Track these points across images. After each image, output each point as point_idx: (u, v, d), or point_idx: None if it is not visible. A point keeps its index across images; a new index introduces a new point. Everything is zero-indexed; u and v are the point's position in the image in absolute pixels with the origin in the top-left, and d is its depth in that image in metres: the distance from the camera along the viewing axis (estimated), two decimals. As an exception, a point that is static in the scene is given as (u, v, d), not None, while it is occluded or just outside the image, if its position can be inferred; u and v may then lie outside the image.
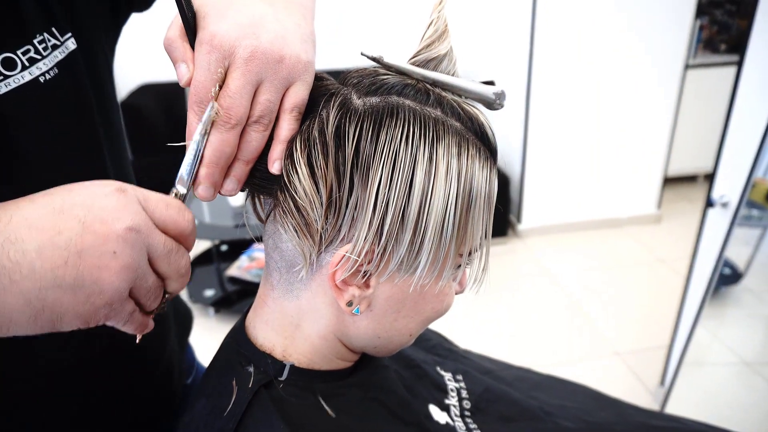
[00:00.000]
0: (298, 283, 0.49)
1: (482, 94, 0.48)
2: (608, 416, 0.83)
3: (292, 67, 0.43)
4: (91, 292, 0.35)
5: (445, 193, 0.43)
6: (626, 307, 2.49)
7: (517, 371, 0.90)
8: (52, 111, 0.50)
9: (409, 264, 0.46)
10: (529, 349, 2.24)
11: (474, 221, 0.47)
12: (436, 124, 0.44)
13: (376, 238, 0.44)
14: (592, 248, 2.96)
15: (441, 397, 0.68)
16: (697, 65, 3.20)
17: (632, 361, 2.15)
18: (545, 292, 2.62)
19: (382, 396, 0.56)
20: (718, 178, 1.49)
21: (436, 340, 0.83)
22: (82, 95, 0.53)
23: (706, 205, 1.52)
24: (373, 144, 0.42)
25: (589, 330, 2.34)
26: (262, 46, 0.41)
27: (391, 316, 0.50)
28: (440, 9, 0.47)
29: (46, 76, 0.48)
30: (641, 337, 2.27)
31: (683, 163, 3.39)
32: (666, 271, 2.72)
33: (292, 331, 0.51)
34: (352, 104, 0.44)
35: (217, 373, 0.54)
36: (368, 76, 0.46)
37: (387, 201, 0.42)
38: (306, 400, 0.50)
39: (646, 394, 1.97)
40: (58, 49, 0.50)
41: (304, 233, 0.45)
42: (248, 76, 0.41)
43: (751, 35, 1.32)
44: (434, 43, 0.47)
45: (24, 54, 0.47)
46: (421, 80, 0.47)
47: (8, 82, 0.46)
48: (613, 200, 3.11)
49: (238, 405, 0.48)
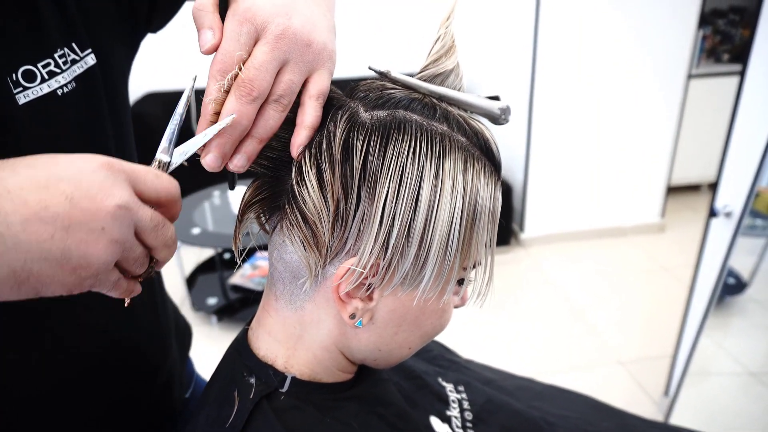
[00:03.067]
0: (302, 294, 0.49)
1: (488, 110, 0.49)
2: (610, 427, 0.82)
3: (318, 52, 0.44)
4: (77, 265, 0.35)
5: (450, 207, 0.44)
6: (630, 316, 2.48)
7: (518, 381, 0.89)
8: (67, 123, 0.51)
9: (414, 278, 0.46)
10: (532, 358, 2.23)
11: (478, 236, 0.47)
12: (442, 139, 0.44)
13: (381, 252, 0.44)
14: (595, 257, 2.96)
15: (442, 409, 0.68)
16: (701, 75, 3.20)
17: (636, 370, 2.14)
18: (548, 301, 2.61)
19: (382, 409, 0.56)
20: (721, 187, 1.49)
21: (437, 351, 0.82)
22: (98, 109, 0.54)
23: (710, 215, 1.52)
24: (380, 158, 0.43)
25: (593, 339, 2.33)
26: (293, 26, 0.42)
27: (392, 330, 0.50)
28: (447, 25, 0.48)
29: (64, 89, 0.49)
30: (645, 346, 2.25)
31: (687, 173, 3.38)
32: (670, 280, 2.71)
33: (294, 341, 0.52)
34: (360, 118, 0.44)
35: (220, 383, 0.54)
36: (375, 89, 0.47)
37: (393, 215, 0.43)
38: (307, 412, 0.50)
39: (650, 404, 1.96)
40: (77, 64, 0.51)
41: (311, 246, 0.45)
42: (276, 53, 0.42)
43: (753, 45, 1.32)
44: (441, 59, 0.48)
45: (44, 67, 0.47)
46: (428, 95, 0.47)
47: (27, 94, 0.46)
48: (616, 209, 3.11)
49: (239, 416, 0.48)
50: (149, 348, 0.67)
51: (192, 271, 2.64)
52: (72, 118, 0.51)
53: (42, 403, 0.56)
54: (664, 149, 3.00)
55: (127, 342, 0.64)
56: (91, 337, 0.59)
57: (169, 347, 0.72)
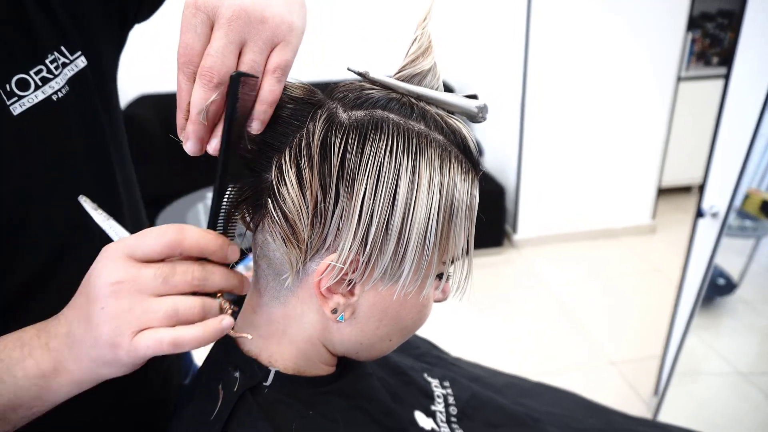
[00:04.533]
0: (285, 290, 0.50)
1: (465, 108, 0.50)
2: (596, 423, 0.83)
3: (275, 27, 0.43)
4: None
5: (427, 204, 0.45)
6: (622, 317, 2.49)
7: (506, 378, 0.90)
8: (65, 127, 0.51)
9: (393, 273, 0.47)
10: (524, 359, 2.24)
11: (456, 231, 0.48)
12: (419, 137, 0.45)
13: (360, 248, 0.45)
14: (587, 258, 2.98)
15: (427, 404, 0.69)
16: (690, 78, 3.24)
17: (627, 370, 2.15)
18: (541, 302, 2.63)
19: (365, 404, 0.57)
20: (708, 188, 1.51)
21: (425, 348, 0.83)
22: (92, 110, 0.55)
23: (697, 216, 1.53)
24: (358, 156, 0.44)
25: (585, 340, 2.35)
26: (244, 5, 0.42)
27: (373, 324, 0.51)
28: (424, 26, 0.48)
29: (58, 94, 0.50)
30: (636, 346, 2.27)
31: (678, 174, 3.41)
32: (661, 281, 2.73)
33: (278, 336, 0.52)
34: (338, 118, 0.45)
35: (206, 377, 0.55)
36: (354, 90, 0.48)
37: (371, 212, 0.44)
38: (290, 406, 0.51)
39: (640, 404, 1.97)
40: (68, 67, 0.51)
41: (291, 242, 0.46)
42: (230, 36, 0.42)
43: (738, 48, 1.34)
44: (418, 59, 0.49)
45: (36, 74, 0.48)
46: (406, 95, 0.48)
47: (23, 102, 0.47)
48: (607, 211, 3.13)
49: (223, 409, 0.49)
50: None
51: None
52: (69, 121, 0.51)
53: None
54: (655, 151, 3.03)
55: None
56: None
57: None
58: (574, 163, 2.98)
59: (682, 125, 3.07)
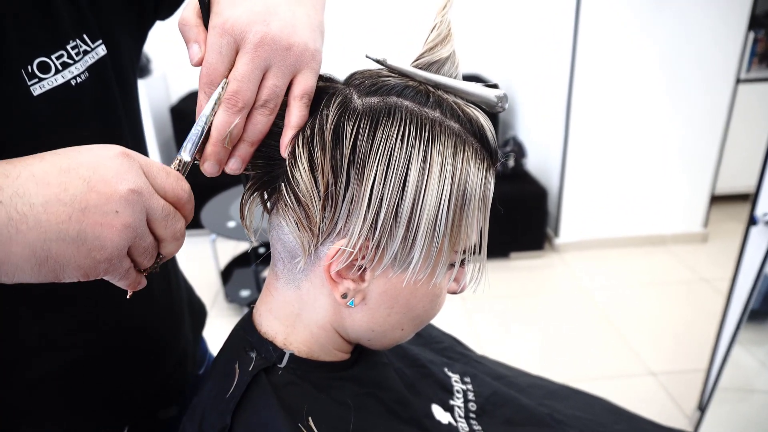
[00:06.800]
0: (298, 273, 0.51)
1: (484, 97, 0.49)
2: (623, 429, 0.81)
3: (299, 54, 0.45)
4: (92, 247, 0.38)
5: (438, 191, 0.45)
6: (665, 327, 2.40)
7: (532, 379, 0.89)
8: (83, 111, 0.54)
9: (403, 259, 0.47)
10: (562, 365, 2.19)
11: (468, 220, 0.48)
12: (432, 124, 0.45)
13: (370, 233, 0.45)
14: (631, 265, 2.87)
15: (446, 398, 0.68)
16: (751, 80, 3.07)
17: (669, 382, 2.07)
18: (581, 307, 2.56)
19: (379, 392, 0.57)
20: (762, 194, 1.43)
21: (448, 343, 0.83)
22: (110, 97, 0.57)
23: (749, 223, 1.46)
24: (369, 142, 0.44)
25: (625, 348, 2.27)
26: (271, 32, 0.43)
27: (384, 311, 0.51)
28: (444, 13, 0.48)
29: (77, 79, 0.52)
30: (680, 358, 2.18)
31: (734, 181, 3.24)
32: (709, 292, 2.61)
33: (293, 319, 0.54)
34: (352, 103, 0.46)
35: (224, 358, 0.57)
36: (371, 77, 0.48)
37: (381, 197, 0.44)
38: (303, 388, 0.52)
39: (682, 417, 1.89)
40: (89, 54, 0.54)
41: (304, 226, 0.47)
42: (256, 62, 0.43)
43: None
44: (437, 47, 0.49)
45: (58, 58, 0.50)
46: (424, 82, 0.48)
47: (43, 84, 0.49)
48: (656, 217, 3.01)
49: (238, 387, 0.51)
50: (162, 327, 0.71)
51: (227, 264, 2.72)
52: (86, 107, 0.54)
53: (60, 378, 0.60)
54: (709, 156, 2.89)
55: (142, 322, 0.67)
56: (109, 316, 0.62)
57: (181, 327, 0.75)
58: (622, 166, 2.88)
59: (740, 129, 2.91)
